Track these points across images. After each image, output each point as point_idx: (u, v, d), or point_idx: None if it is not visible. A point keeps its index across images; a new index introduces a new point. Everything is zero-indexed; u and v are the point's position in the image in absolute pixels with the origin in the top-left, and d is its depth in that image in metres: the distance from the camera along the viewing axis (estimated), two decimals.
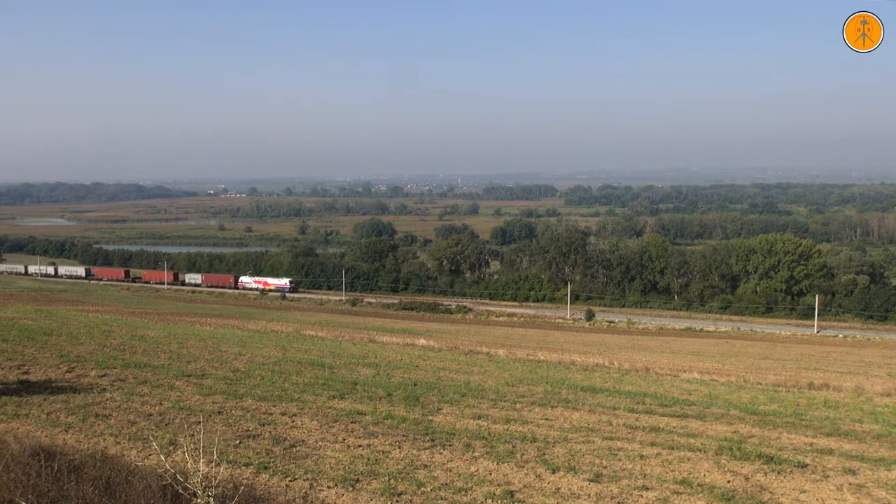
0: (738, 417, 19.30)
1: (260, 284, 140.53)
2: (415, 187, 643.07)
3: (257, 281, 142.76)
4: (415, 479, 11.73)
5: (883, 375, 51.42)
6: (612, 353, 52.37)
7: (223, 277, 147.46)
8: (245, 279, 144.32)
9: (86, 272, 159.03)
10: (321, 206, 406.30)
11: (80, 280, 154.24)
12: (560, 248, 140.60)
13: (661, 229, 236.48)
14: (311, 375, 23.28)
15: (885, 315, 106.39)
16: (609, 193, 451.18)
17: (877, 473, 13.47)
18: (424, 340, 46.25)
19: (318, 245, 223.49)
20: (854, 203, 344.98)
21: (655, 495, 11.40)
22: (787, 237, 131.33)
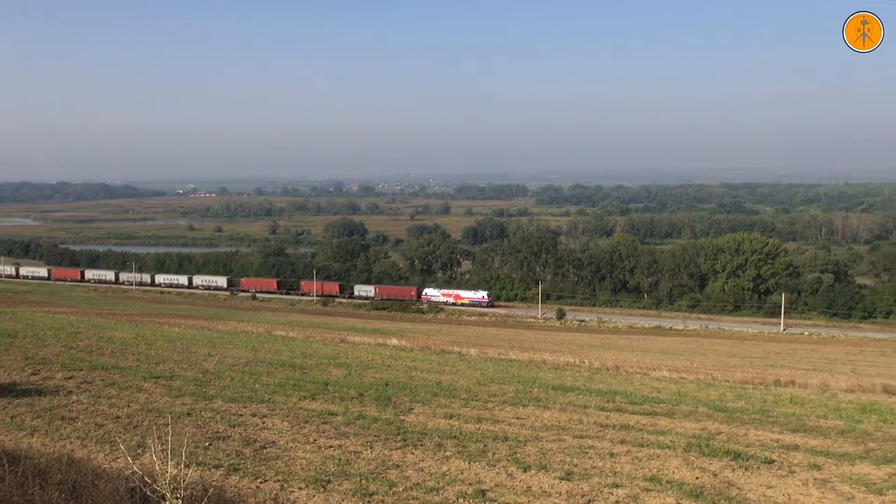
0: (706, 415, 19.53)
1: (450, 298, 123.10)
2: (386, 187, 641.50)
3: (446, 294, 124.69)
4: (386, 480, 11.71)
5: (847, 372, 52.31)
6: (583, 352, 52.67)
7: (403, 290, 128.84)
8: (431, 291, 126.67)
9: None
10: (292, 206, 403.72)
11: (44, 281, 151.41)
12: (531, 248, 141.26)
13: (631, 229, 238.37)
14: (282, 376, 23.14)
15: (848, 313, 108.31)
16: (580, 193, 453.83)
17: (841, 468, 13.72)
18: (396, 340, 46.14)
19: (289, 245, 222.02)
20: (819, 203, 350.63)
21: (626, 493, 11.50)
22: (754, 236, 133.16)
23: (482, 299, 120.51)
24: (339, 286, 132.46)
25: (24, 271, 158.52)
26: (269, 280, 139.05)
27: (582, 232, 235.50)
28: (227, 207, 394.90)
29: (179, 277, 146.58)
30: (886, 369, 59.79)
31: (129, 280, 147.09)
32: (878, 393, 28.05)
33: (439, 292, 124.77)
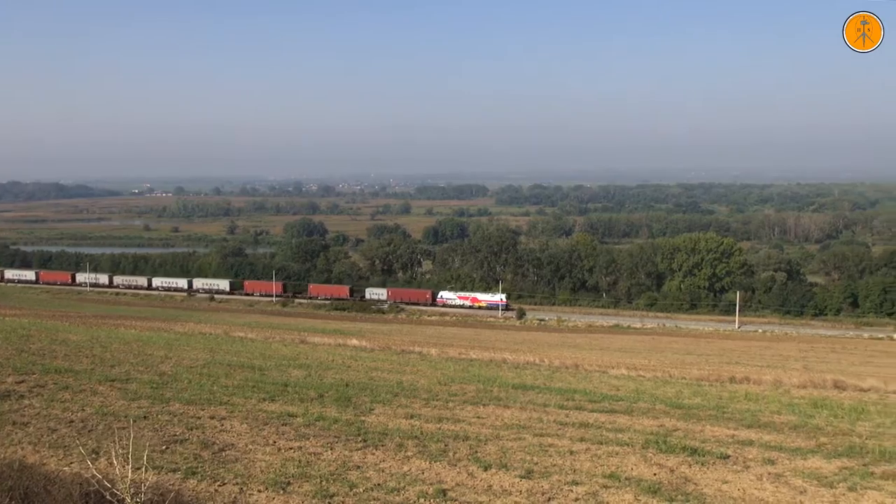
0: (663, 412, 19.81)
1: (466, 301, 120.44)
2: (346, 186, 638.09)
3: (463, 297, 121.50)
4: (347, 481, 11.66)
5: (799, 368, 53.52)
6: (543, 351, 53.06)
7: (418, 293, 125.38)
8: (447, 294, 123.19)
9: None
10: (251, 206, 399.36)
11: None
12: (491, 248, 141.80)
13: (590, 228, 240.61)
14: (241, 378, 22.89)
15: (801, 310, 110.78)
16: (539, 193, 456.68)
17: (794, 463, 14.04)
18: (356, 341, 45.97)
19: (248, 245, 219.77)
20: (772, 203, 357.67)
21: (585, 490, 11.61)
22: (709, 236, 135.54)
23: (500, 302, 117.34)
24: (349, 289, 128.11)
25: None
26: (271, 283, 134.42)
27: (541, 232, 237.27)
28: (185, 207, 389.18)
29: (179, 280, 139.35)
30: (837, 365, 61.35)
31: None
32: (829, 388, 28.77)
33: (455, 295, 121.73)
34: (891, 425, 19.18)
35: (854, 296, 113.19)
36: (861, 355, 75.09)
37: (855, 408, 22.41)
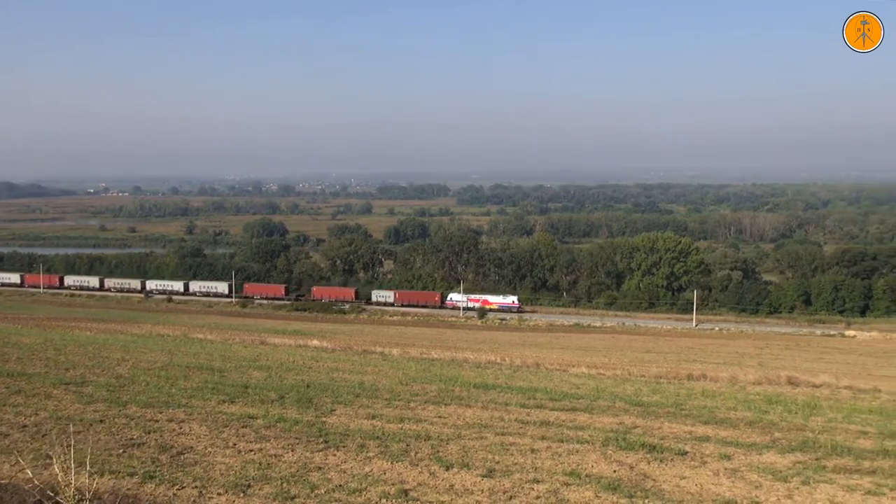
0: (623, 409, 20.04)
1: (477, 303, 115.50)
2: (307, 186, 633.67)
3: (473, 299, 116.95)
4: (308, 482, 11.59)
5: (755, 365, 54.56)
6: (504, 350, 53.31)
7: (426, 295, 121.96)
8: (456, 297, 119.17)
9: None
10: (209, 206, 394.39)
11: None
12: (453, 247, 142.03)
13: (551, 228, 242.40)
14: (200, 380, 22.60)
15: (756, 308, 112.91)
16: (500, 193, 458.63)
17: (749, 458, 14.32)
18: (317, 341, 45.73)
19: (207, 245, 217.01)
20: (728, 203, 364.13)
21: (546, 487, 11.69)
22: (667, 235, 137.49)
23: (512, 304, 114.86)
24: (354, 292, 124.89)
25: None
26: (272, 286, 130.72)
27: (502, 231, 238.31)
28: (141, 207, 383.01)
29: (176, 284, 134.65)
30: (791, 362, 62.69)
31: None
32: (784, 385, 29.39)
33: (465, 298, 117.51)
34: (842, 420, 19.66)
35: (807, 294, 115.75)
36: (814, 352, 76.82)
37: (808, 403, 22.93)
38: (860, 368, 60.04)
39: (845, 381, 31.13)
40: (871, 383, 31.62)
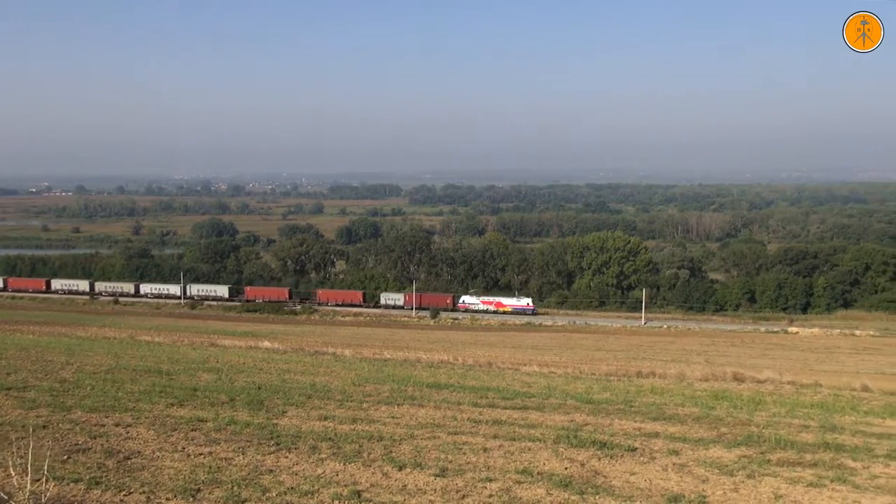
0: (574, 407, 20.28)
1: (490, 305, 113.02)
2: (257, 186, 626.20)
3: (487, 301, 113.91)
4: (259, 485, 11.48)
5: (702, 362, 55.70)
6: (457, 350, 53.48)
7: (438, 298, 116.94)
8: (469, 300, 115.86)
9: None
10: (157, 206, 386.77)
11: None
12: (405, 247, 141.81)
13: (502, 228, 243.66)
14: (148, 383, 22.20)
15: (703, 306, 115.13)
16: (452, 193, 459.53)
17: (697, 453, 14.62)
18: (269, 342, 45.25)
19: (155, 246, 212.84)
20: (676, 202, 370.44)
21: (499, 486, 11.78)
22: (617, 235, 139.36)
23: (527, 307, 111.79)
24: (361, 295, 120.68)
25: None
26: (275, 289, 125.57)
27: (455, 231, 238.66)
28: (86, 207, 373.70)
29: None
30: (736, 359, 64.09)
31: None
32: (729, 381, 30.08)
33: (478, 300, 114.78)
34: (785, 414, 20.21)
35: (752, 292, 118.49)
36: (758, 348, 78.72)
37: (753, 399, 23.52)
38: (802, 364, 61.73)
39: (788, 377, 31.99)
40: (813, 378, 32.55)
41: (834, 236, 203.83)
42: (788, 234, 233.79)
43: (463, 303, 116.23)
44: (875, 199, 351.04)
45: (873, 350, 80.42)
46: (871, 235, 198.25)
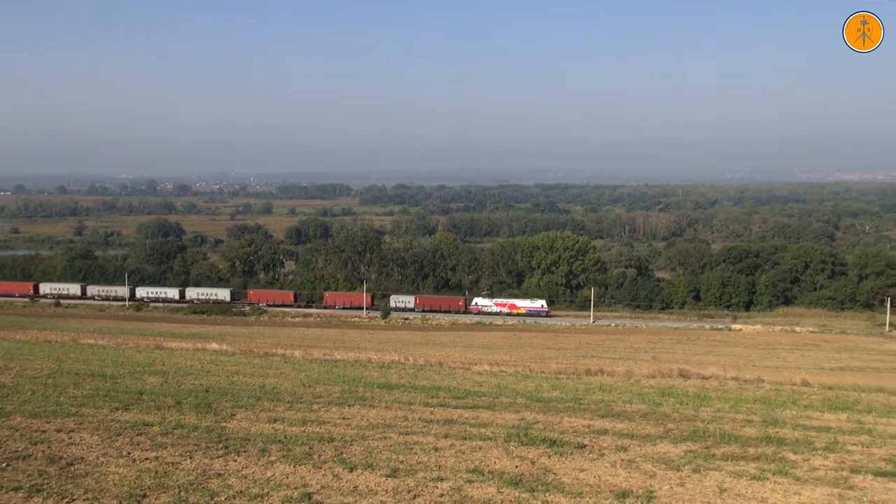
0: (524, 405, 20.43)
1: (504, 307, 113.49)
2: (204, 186, 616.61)
3: (500, 303, 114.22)
4: (207, 490, 11.31)
5: (649, 359, 56.71)
6: (408, 350, 53.48)
7: (449, 300, 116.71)
8: (482, 301, 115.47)
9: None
10: (100, 205, 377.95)
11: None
12: (355, 247, 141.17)
13: (453, 228, 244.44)
14: (91, 387, 21.68)
15: (649, 304, 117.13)
16: (403, 193, 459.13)
17: (644, 449, 14.87)
18: (217, 344, 44.61)
19: (98, 247, 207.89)
20: (623, 202, 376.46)
21: (450, 485, 11.80)
22: (566, 235, 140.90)
23: (541, 308, 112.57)
24: (370, 297, 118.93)
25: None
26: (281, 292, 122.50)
27: (405, 231, 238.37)
28: (26, 207, 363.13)
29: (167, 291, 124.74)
30: (682, 355, 65.48)
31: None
32: (675, 377, 30.67)
33: (492, 302, 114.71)
34: (729, 410, 20.68)
35: (697, 290, 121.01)
36: (703, 345, 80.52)
37: (698, 395, 24.03)
38: (745, 360, 63.36)
39: (732, 373, 32.79)
40: (756, 374, 33.40)
41: (775, 235, 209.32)
42: (732, 233, 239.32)
43: (475, 305, 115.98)
44: (814, 200, 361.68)
45: (812, 346, 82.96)
46: (810, 235, 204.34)
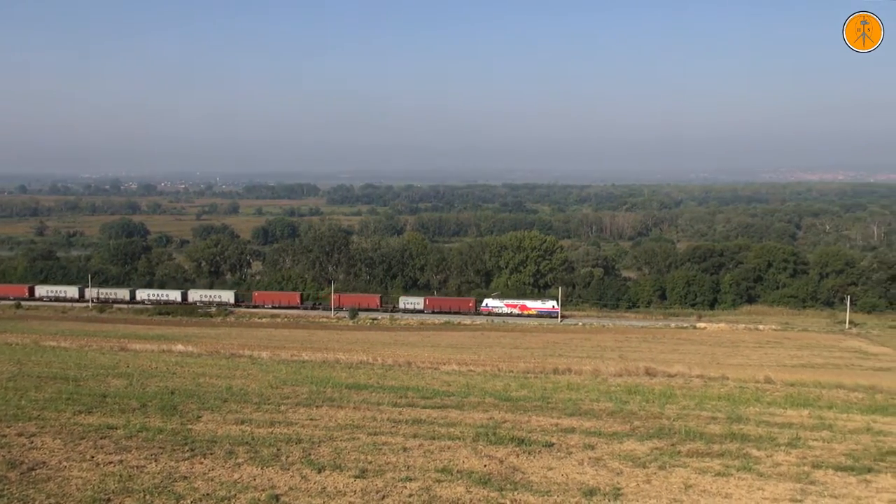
0: (492, 405, 20.51)
1: (515, 308, 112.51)
2: (169, 185, 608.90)
3: (511, 304, 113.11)
4: (173, 493, 11.19)
5: (616, 358, 57.25)
6: (376, 350, 53.38)
7: (458, 301, 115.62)
8: (492, 302, 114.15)
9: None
10: (63, 206, 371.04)
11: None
12: (323, 247, 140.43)
13: (421, 227, 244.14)
14: (54, 390, 21.32)
15: (616, 303, 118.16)
16: (371, 193, 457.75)
17: (611, 447, 15.01)
18: (182, 346, 44.14)
19: (60, 247, 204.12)
20: (590, 202, 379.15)
21: (418, 485, 11.81)
22: (533, 234, 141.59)
23: (552, 309, 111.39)
24: (378, 299, 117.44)
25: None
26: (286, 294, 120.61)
27: (373, 231, 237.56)
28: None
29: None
30: (648, 354, 66.20)
31: None
32: (642, 376, 31.00)
33: (502, 303, 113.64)
34: (695, 407, 20.96)
35: (662, 289, 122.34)
36: (669, 343, 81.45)
37: (664, 392, 24.32)
38: (710, 358, 64.27)
39: (697, 371, 33.23)
40: (720, 372, 33.91)
41: (739, 235, 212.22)
42: (696, 232, 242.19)
43: (486, 306, 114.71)
44: (776, 200, 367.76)
45: (775, 343, 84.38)
46: (773, 234, 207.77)
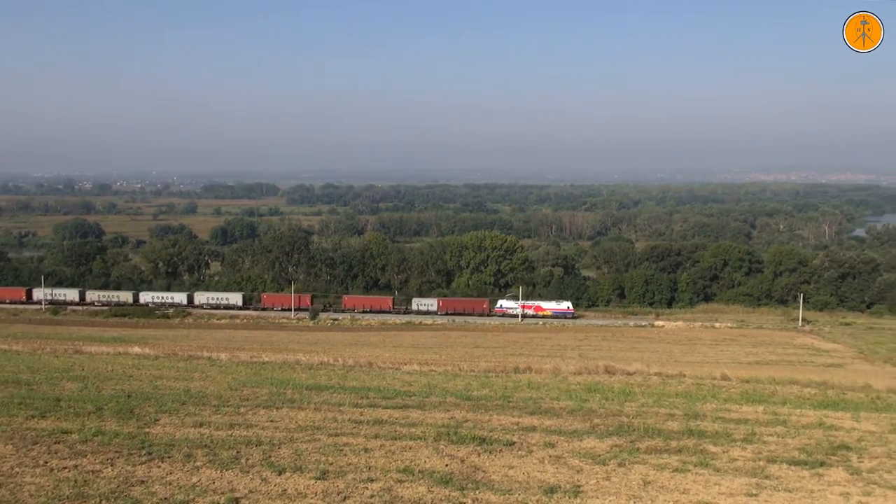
0: (454, 404, 20.56)
1: (530, 310, 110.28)
2: (125, 185, 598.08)
3: (526, 305, 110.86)
4: (130, 497, 11.01)
5: (575, 357, 57.73)
6: (337, 351, 53.10)
7: (473, 303, 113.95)
8: (507, 304, 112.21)
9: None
10: (14, 205, 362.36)
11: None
12: (283, 248, 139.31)
13: (382, 227, 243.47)
14: (5, 394, 20.83)
15: (576, 302, 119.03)
16: (331, 192, 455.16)
17: (571, 444, 15.16)
18: (139, 348, 43.41)
19: (11, 248, 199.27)
20: (550, 202, 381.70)
21: (380, 486, 11.80)
22: (494, 234, 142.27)
23: (567, 310, 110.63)
24: (391, 301, 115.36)
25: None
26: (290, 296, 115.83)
27: (334, 231, 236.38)
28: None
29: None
30: (607, 352, 66.93)
31: None
32: (601, 374, 31.33)
33: (517, 304, 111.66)
34: (653, 404, 21.26)
35: (621, 288, 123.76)
36: (628, 342, 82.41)
37: (623, 390, 24.63)
38: (668, 356, 65.22)
39: (655, 368, 33.69)
40: (678, 369, 34.45)
41: (695, 234, 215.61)
42: (654, 232, 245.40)
43: (500, 307, 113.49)
44: (731, 199, 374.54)
45: (731, 341, 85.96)
46: (729, 233, 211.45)
